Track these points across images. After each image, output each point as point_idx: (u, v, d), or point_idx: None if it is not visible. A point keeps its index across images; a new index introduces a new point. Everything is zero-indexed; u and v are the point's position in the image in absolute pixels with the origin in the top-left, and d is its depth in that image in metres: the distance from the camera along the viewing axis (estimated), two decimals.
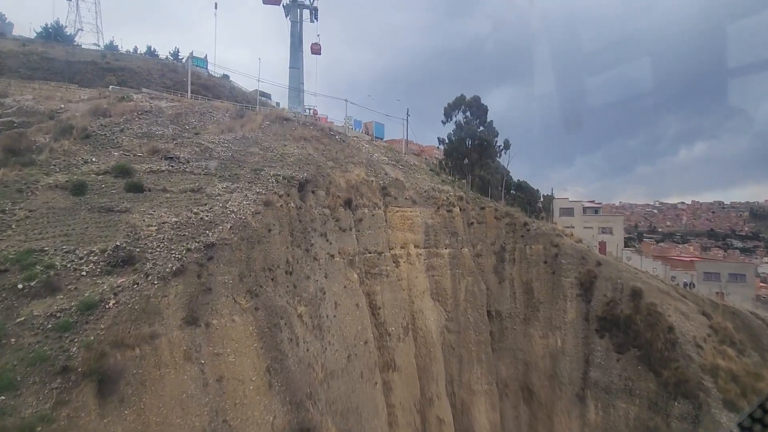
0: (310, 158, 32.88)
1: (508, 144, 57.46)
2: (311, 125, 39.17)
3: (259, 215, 21.91)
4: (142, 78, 53.45)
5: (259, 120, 35.92)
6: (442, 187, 38.84)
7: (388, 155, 42.78)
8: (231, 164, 27.68)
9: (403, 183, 36.73)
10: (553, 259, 34.92)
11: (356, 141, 41.83)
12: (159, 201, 20.49)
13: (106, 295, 13.50)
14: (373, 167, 37.47)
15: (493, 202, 39.85)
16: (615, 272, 31.59)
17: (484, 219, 38.48)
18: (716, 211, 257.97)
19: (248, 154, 30.21)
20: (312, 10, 54.82)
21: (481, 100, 57.20)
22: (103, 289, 13.80)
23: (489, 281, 36.78)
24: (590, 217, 45.98)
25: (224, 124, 34.31)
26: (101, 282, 14.18)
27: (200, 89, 57.14)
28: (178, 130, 31.15)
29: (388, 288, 31.54)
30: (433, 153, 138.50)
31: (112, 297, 13.41)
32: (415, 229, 35.42)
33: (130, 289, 14.10)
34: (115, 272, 14.84)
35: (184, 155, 26.91)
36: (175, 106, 34.69)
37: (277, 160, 30.65)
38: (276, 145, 33.50)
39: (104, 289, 13.77)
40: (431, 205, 36.95)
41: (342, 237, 29.71)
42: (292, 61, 47.56)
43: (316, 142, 36.46)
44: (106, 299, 13.31)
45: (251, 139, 32.95)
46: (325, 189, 29.88)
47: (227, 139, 31.65)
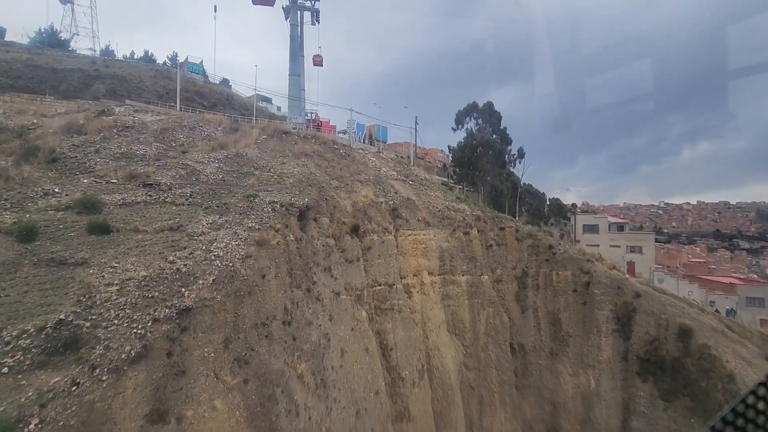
0: (312, 178, 28.97)
1: (522, 152, 53.49)
2: (313, 138, 35.28)
3: (250, 259, 18.00)
4: (133, 86, 49.63)
5: (254, 134, 32.04)
6: (458, 206, 34.87)
7: (396, 169, 38.83)
8: (221, 190, 23.79)
9: (415, 202, 32.78)
10: (583, 288, 30.92)
11: (362, 154, 37.92)
12: (127, 246, 16.60)
13: (29, 409, 9.61)
14: (382, 185, 33.52)
15: (514, 222, 35.92)
16: (657, 305, 27.57)
17: (503, 240, 34.50)
18: (722, 212, 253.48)
19: (241, 176, 26.33)
20: (313, 12, 50.87)
21: (494, 106, 53.17)
22: (27, 397, 9.91)
23: (510, 310, 32.78)
24: (617, 235, 41.72)
25: (216, 140, 30.44)
26: (27, 384, 10.29)
27: (195, 97, 53.39)
28: (163, 149, 27.28)
29: (401, 325, 27.61)
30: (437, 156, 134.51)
31: (36, 412, 9.52)
32: (429, 255, 31.47)
33: (65, 395, 10.21)
34: (50, 364, 10.97)
35: (166, 180, 23.02)
36: (162, 120, 30.82)
37: (274, 183, 26.75)
38: (273, 163, 29.61)
39: (28, 398, 9.89)
40: (446, 226, 32.98)
41: (348, 269, 25.80)
42: (292, 67, 43.63)
43: (318, 158, 32.56)
44: (26, 417, 9.42)
45: (245, 158, 29.06)
46: (328, 215, 25.99)
47: (218, 158, 27.77)
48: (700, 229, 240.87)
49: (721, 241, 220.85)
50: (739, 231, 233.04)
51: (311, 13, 51.20)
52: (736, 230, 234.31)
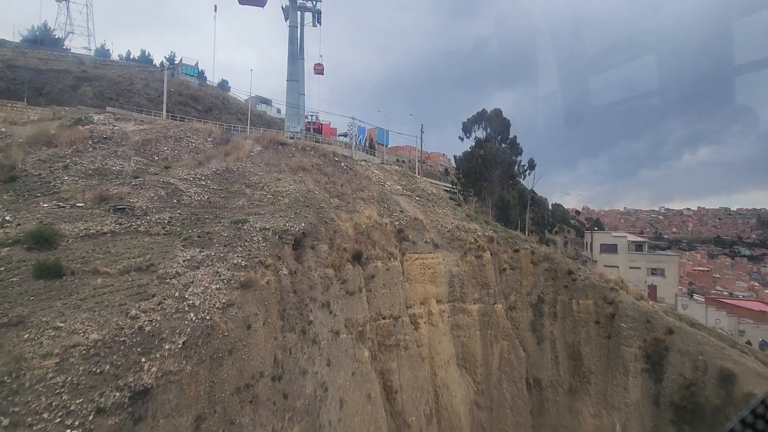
0: (310, 197, 25.86)
1: (533, 164, 50.41)
2: (311, 150, 32.14)
3: (233, 308, 14.88)
4: (123, 89, 46.43)
5: (247, 146, 28.90)
6: (468, 225, 31.77)
7: (402, 183, 35.73)
8: (205, 214, 20.65)
9: (423, 222, 29.67)
10: (607, 320, 27.83)
11: (365, 166, 34.81)
12: (81, 296, 13.46)
13: None
14: (386, 202, 30.42)
15: (529, 243, 32.84)
16: (693, 344, 24.48)
17: (518, 264, 31.39)
18: (722, 218, 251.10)
19: (230, 196, 23.19)
20: (315, 13, 47.76)
21: (503, 114, 50.06)
22: None
23: (525, 341, 29.67)
24: (638, 256, 38.51)
25: (204, 152, 27.31)
26: None
27: (188, 101, 50.30)
28: (143, 164, 24.15)
29: (407, 363, 24.50)
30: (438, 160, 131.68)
31: None
32: (438, 280, 28.38)
33: None
34: None
35: (142, 203, 19.89)
36: (145, 129, 27.68)
37: (268, 203, 23.63)
38: (267, 179, 26.48)
39: None
40: (456, 248, 29.87)
41: (349, 303, 22.69)
42: (291, 71, 40.41)
43: (317, 173, 29.45)
44: None
45: (236, 173, 25.94)
46: (328, 241, 22.87)
47: (205, 174, 24.64)
48: (700, 235, 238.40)
49: (722, 248, 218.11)
50: (740, 237, 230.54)
51: (312, 14, 48.07)
52: (736, 237, 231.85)
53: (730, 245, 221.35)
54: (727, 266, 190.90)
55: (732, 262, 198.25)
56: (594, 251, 37.41)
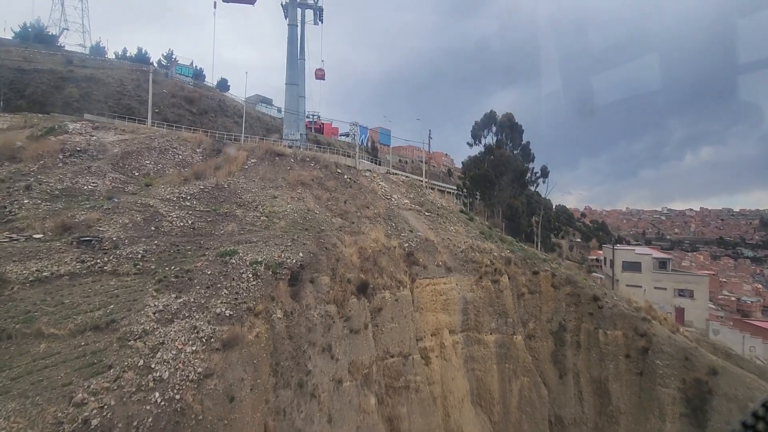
0: (310, 217, 22.82)
1: (546, 171, 47.30)
2: (312, 161, 29.02)
3: (211, 379, 11.87)
4: (112, 90, 43.28)
5: (241, 158, 25.82)
6: (483, 245, 28.71)
7: (409, 196, 32.64)
8: (187, 245, 17.61)
9: (434, 243, 26.62)
10: (639, 355, 24.83)
11: (370, 178, 31.73)
12: (15, 372, 10.44)
13: None
14: (394, 220, 27.37)
15: (549, 264, 29.78)
16: (742, 389, 21.46)
17: (538, 287, 28.37)
18: (725, 219, 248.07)
19: (218, 220, 20.13)
20: (316, 11, 44.57)
21: (514, 118, 46.83)
22: None
23: (545, 374, 26.71)
24: (663, 275, 35.23)
25: (192, 165, 24.24)
26: None
27: (182, 103, 47.16)
28: (120, 182, 21.09)
29: (418, 407, 21.53)
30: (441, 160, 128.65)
31: None
32: (451, 308, 25.38)
33: None
34: None
35: (112, 233, 16.85)
36: (126, 140, 24.59)
37: (261, 227, 20.58)
38: (262, 197, 23.42)
39: None
40: (470, 271, 26.85)
41: (354, 343, 19.68)
42: (290, 74, 37.20)
43: (318, 188, 26.38)
44: None
45: (227, 190, 22.87)
46: (329, 272, 19.83)
47: (191, 192, 21.57)
48: (703, 236, 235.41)
49: (725, 249, 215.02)
50: (743, 239, 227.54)
51: (314, 12, 44.90)
52: (739, 238, 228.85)
53: (733, 246, 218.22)
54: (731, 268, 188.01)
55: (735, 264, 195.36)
56: (615, 269, 34.36)
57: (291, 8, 37.09)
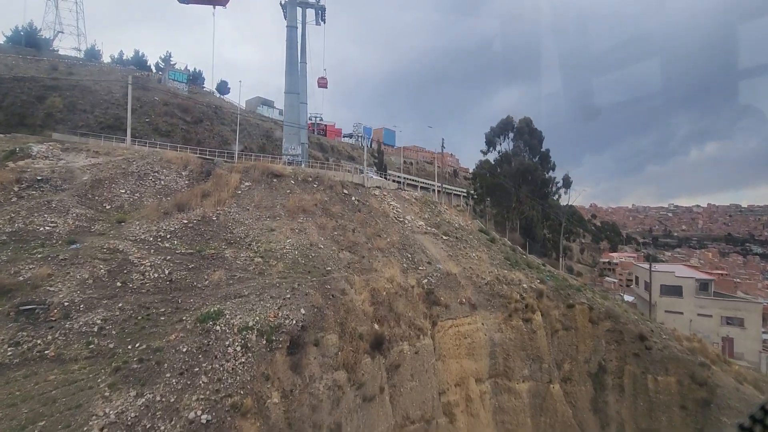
0: (313, 255, 19.11)
1: (569, 181, 43.30)
2: (315, 181, 25.25)
3: None
4: (99, 99, 39.65)
5: (233, 181, 22.10)
6: (511, 275, 24.93)
7: (424, 216, 28.86)
8: (161, 306, 13.94)
9: (456, 276, 22.86)
10: (698, 407, 21.02)
11: (380, 197, 27.96)
12: None
13: None
14: (410, 249, 23.62)
15: (584, 294, 25.95)
16: None
17: (573, 323, 24.60)
18: (733, 215, 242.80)
19: (202, 266, 16.44)
20: (318, 10, 40.68)
21: (533, 123, 42.81)
22: None
23: (584, 424, 23.01)
24: (708, 301, 31.00)
25: (175, 193, 20.55)
26: None
27: (175, 111, 43.47)
28: (87, 218, 17.43)
29: None
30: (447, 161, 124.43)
31: None
32: (477, 352, 21.67)
33: None
34: None
35: (65, 294, 13.20)
36: (99, 163, 20.91)
37: (255, 273, 16.88)
38: (257, 230, 19.72)
39: None
40: (498, 307, 23.10)
41: (368, 413, 16.03)
42: (289, 82, 33.27)
43: (322, 215, 22.66)
44: None
45: (216, 224, 19.18)
46: (337, 328, 16.13)
47: (172, 229, 17.89)
48: (710, 233, 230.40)
49: (733, 246, 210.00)
50: (752, 235, 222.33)
51: (315, 11, 40.97)
52: (748, 234, 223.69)
53: (741, 243, 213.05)
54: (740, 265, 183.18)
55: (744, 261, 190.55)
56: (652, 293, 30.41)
57: (290, 8, 33.13)
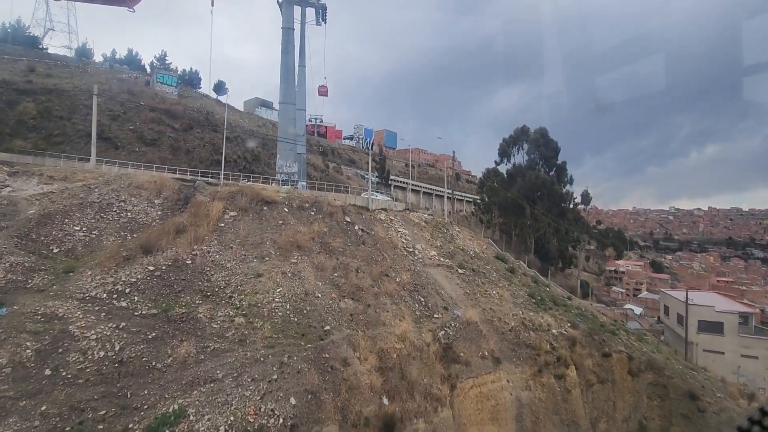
0: (309, 309, 15.44)
1: (588, 197, 39.67)
2: (312, 207, 21.54)
3: None
4: (78, 103, 35.81)
5: (215, 211, 18.37)
6: (538, 318, 21.30)
7: (436, 242, 25.19)
8: (100, 405, 10.29)
9: (477, 323, 19.24)
10: None
11: (386, 223, 24.29)
12: None
13: None
14: (423, 290, 19.94)
15: (621, 338, 22.35)
16: None
17: (609, 374, 21.01)
18: (734, 218, 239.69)
19: (166, 335, 12.75)
20: (319, 9, 36.93)
21: (549, 134, 39.09)
22: None
23: None
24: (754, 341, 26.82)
25: (143, 229, 16.87)
26: None
27: (163, 117, 39.71)
28: (25, 268, 13.73)
29: None
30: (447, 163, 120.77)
31: None
32: (502, 416, 18.08)
33: None
34: None
35: None
36: (52, 192, 17.18)
37: (234, 342, 13.20)
38: (241, 275, 16.03)
39: None
40: (525, 360, 19.48)
41: None
42: (284, 91, 29.43)
43: (320, 251, 18.98)
44: None
45: (191, 270, 15.49)
46: (338, 416, 12.49)
47: (134, 279, 14.20)
48: (711, 237, 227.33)
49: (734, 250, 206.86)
50: (753, 239, 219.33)
51: (315, 11, 37.20)
52: (749, 238, 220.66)
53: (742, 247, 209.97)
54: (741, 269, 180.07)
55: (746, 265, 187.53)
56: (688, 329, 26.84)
57: (286, 7, 29.21)
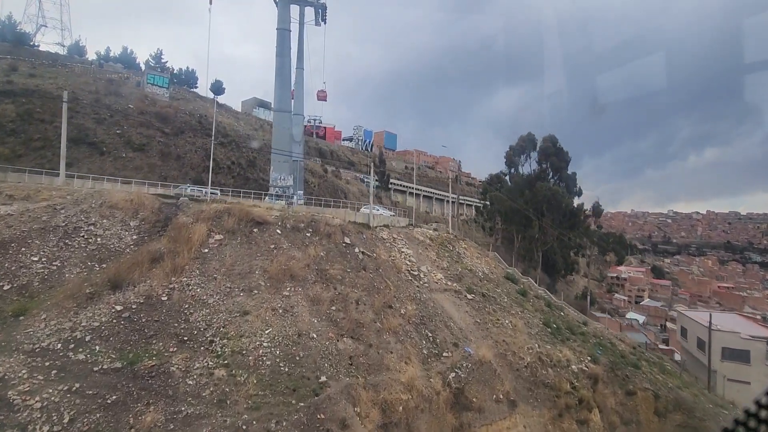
0: (303, 354, 13.30)
1: (599, 210, 37.64)
2: (308, 227, 19.36)
3: None
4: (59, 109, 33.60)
5: (198, 235, 16.18)
6: (557, 353, 19.20)
7: (442, 264, 23.07)
8: None
9: (490, 362, 17.15)
10: None
11: (389, 242, 22.16)
12: None
13: None
14: (430, 323, 17.82)
15: (645, 372, 20.32)
16: None
17: (635, 416, 18.93)
18: (732, 222, 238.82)
19: (130, 395, 10.58)
20: (318, 9, 34.77)
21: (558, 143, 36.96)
22: None
23: None
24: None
25: (115, 257, 14.69)
26: None
27: (153, 121, 37.40)
28: None
29: None
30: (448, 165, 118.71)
31: None
32: None
33: None
34: None
35: None
36: (11, 214, 14.99)
37: (210, 406, 11.02)
38: (225, 313, 13.86)
39: None
40: (543, 401, 17.41)
41: None
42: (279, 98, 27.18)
43: (316, 280, 16.83)
44: None
45: (166, 308, 13.31)
46: None
47: (96, 324, 12.01)
48: (710, 240, 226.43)
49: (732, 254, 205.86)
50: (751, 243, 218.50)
51: (315, 10, 35.03)
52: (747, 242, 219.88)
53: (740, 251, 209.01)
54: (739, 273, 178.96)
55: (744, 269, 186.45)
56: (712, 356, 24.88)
57: (282, 6, 26.95)
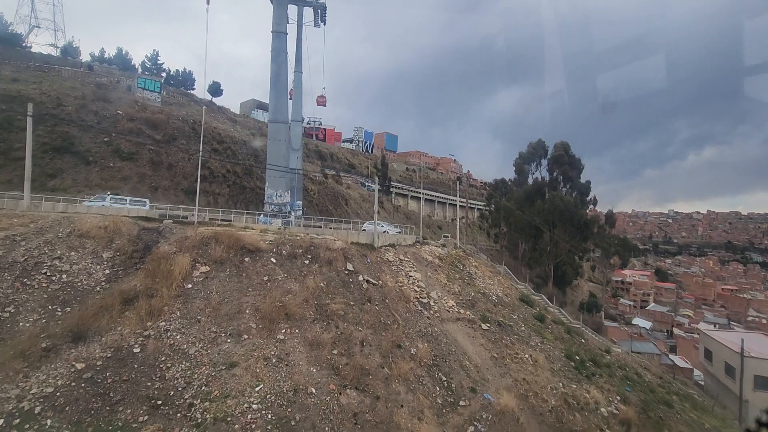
0: (298, 414, 11.22)
1: (612, 219, 35.57)
2: (306, 252, 17.28)
3: None
4: (45, 113, 31.42)
5: (181, 267, 14.07)
6: (582, 393, 17.16)
7: (453, 288, 20.98)
8: None
9: (512, 409, 15.10)
10: None
11: (395, 266, 20.09)
12: None
13: None
14: (444, 364, 15.74)
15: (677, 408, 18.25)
16: None
17: None
18: (733, 222, 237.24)
19: None
20: (318, 9, 32.62)
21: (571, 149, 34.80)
22: None
23: None
24: None
25: (82, 297, 12.60)
26: None
27: (142, 128, 35.22)
28: None
29: None
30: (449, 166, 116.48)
31: None
32: None
33: None
34: None
35: None
36: None
37: None
38: (207, 364, 11.76)
39: None
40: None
41: None
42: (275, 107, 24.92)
43: (315, 319, 14.74)
44: None
45: (138, 362, 11.21)
46: None
47: (50, 389, 9.91)
48: (710, 240, 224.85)
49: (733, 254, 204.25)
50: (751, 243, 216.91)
51: (314, 10, 32.86)
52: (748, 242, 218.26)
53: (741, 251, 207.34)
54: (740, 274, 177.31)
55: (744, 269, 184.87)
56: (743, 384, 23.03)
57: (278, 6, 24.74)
